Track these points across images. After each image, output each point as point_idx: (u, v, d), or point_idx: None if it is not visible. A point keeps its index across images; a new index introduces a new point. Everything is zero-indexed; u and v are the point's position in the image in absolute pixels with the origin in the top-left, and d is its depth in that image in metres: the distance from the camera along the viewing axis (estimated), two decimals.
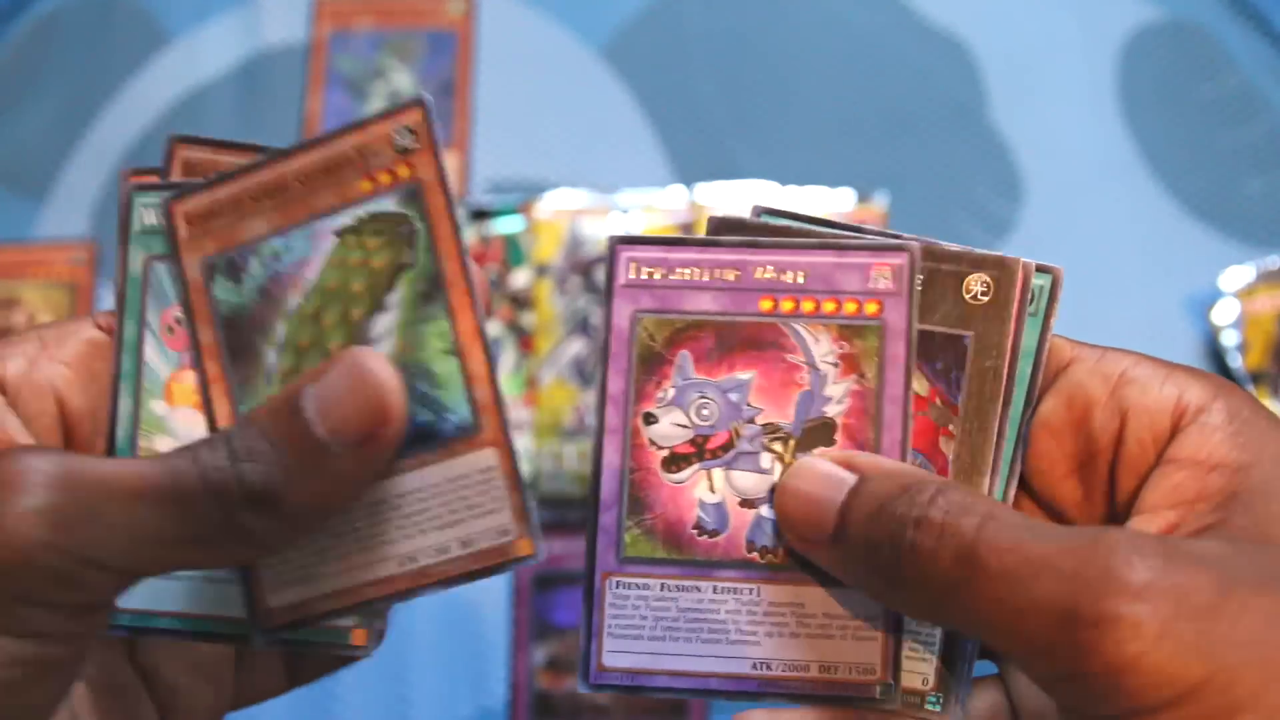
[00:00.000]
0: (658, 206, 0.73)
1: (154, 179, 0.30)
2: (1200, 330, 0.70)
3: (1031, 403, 0.28)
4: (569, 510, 0.69)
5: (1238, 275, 0.69)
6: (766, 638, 0.28)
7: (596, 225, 0.73)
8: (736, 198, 0.73)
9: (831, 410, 0.28)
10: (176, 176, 0.30)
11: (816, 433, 0.28)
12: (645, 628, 0.29)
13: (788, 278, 0.28)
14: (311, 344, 0.27)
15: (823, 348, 0.28)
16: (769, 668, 0.28)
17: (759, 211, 0.29)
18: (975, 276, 0.28)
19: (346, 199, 0.27)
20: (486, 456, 0.28)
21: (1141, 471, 0.27)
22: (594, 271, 0.73)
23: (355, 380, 0.25)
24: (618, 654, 0.29)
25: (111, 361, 0.29)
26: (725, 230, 0.29)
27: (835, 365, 0.28)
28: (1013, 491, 0.28)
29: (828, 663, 0.28)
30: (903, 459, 0.27)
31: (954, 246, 0.28)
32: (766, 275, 0.28)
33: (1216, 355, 0.69)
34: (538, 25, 0.80)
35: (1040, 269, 0.29)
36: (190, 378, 0.29)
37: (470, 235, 0.73)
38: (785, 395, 0.28)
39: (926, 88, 0.78)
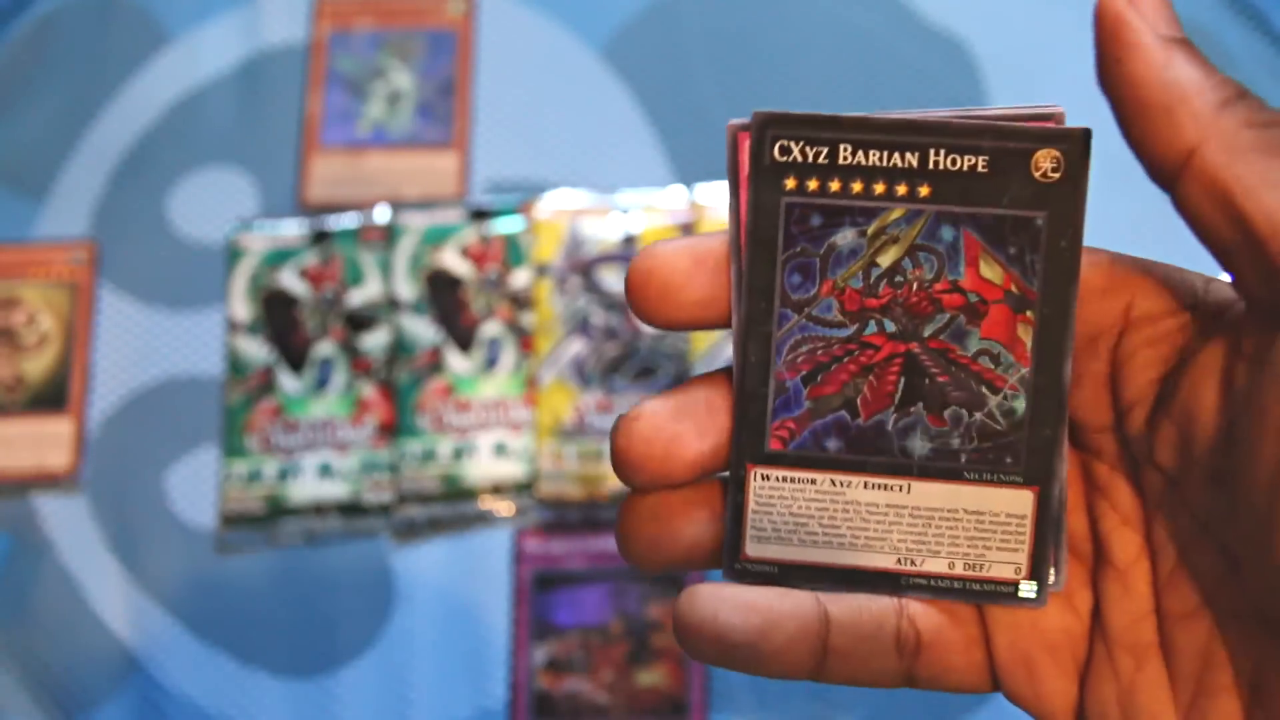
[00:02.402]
0: (658, 206, 0.74)
1: None
2: None
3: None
4: (569, 510, 0.69)
5: None
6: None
7: (596, 225, 0.73)
8: None
9: None
10: None
11: None
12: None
13: None
14: None
15: None
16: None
17: None
18: (1045, 153, 0.27)
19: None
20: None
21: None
22: (594, 271, 0.73)
23: None
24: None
25: None
26: None
27: None
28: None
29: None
30: None
31: (1018, 123, 0.28)
32: None
33: None
34: (538, 25, 0.80)
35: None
36: None
37: (470, 235, 0.74)
38: None
39: (926, 88, 0.78)
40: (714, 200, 0.73)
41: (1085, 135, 0.27)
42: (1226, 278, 0.26)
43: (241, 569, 0.69)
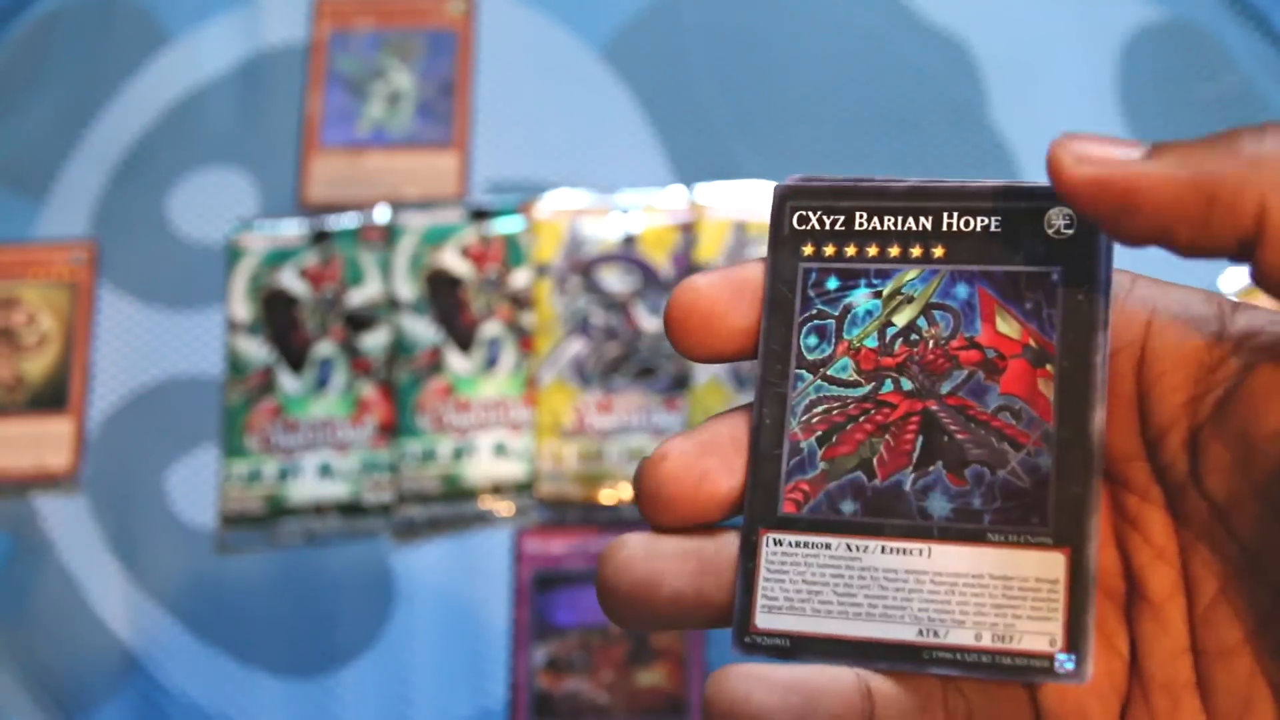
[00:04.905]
0: (658, 206, 0.74)
1: None
2: None
3: None
4: (569, 510, 0.69)
5: (1237, 276, 0.69)
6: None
7: (596, 225, 0.73)
8: (736, 198, 0.73)
9: None
10: None
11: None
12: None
13: None
14: None
15: None
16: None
17: None
18: (1056, 210, 0.27)
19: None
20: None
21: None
22: (594, 271, 0.73)
23: None
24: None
25: None
26: None
27: None
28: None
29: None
30: None
31: (1030, 182, 0.28)
32: None
33: None
34: (538, 25, 0.80)
35: None
36: None
37: (470, 235, 0.74)
38: None
39: (926, 88, 0.78)
40: (714, 200, 0.73)
41: None
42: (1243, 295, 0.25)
43: (241, 569, 0.69)
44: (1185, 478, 0.25)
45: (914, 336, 0.28)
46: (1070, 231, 0.27)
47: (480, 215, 0.74)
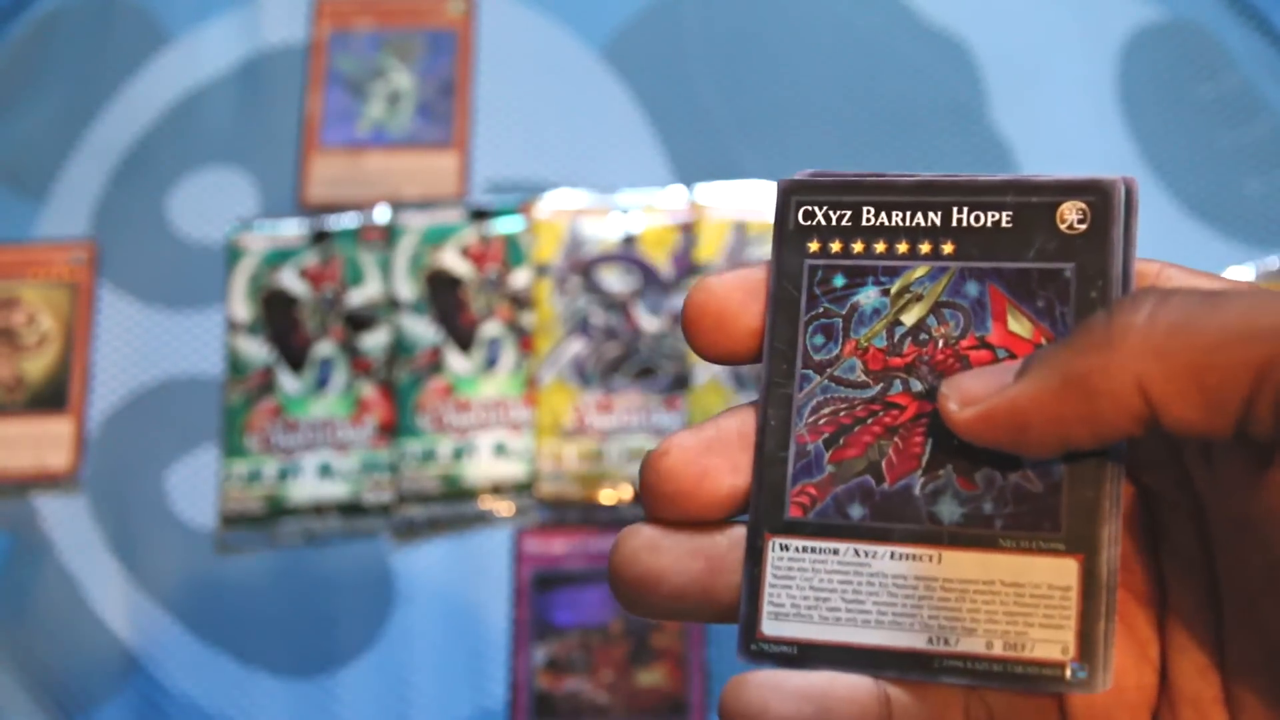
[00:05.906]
0: (658, 206, 0.73)
1: None
2: None
3: None
4: (569, 510, 0.69)
5: (1237, 275, 0.69)
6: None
7: (596, 225, 0.73)
8: (736, 198, 0.73)
9: None
10: None
11: None
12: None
13: None
14: None
15: None
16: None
17: None
18: (1070, 205, 0.26)
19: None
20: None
21: None
22: (594, 271, 0.73)
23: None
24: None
25: None
26: None
27: None
28: None
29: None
30: None
31: (1042, 176, 0.27)
32: None
33: None
34: (538, 25, 0.80)
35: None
36: None
37: (470, 235, 0.74)
38: None
39: (926, 88, 0.78)
40: (714, 200, 0.73)
41: (1111, 186, 0.26)
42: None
43: (241, 569, 0.69)
44: (1207, 488, 0.24)
45: (923, 336, 0.27)
46: (1084, 226, 0.26)
47: (480, 215, 0.74)
